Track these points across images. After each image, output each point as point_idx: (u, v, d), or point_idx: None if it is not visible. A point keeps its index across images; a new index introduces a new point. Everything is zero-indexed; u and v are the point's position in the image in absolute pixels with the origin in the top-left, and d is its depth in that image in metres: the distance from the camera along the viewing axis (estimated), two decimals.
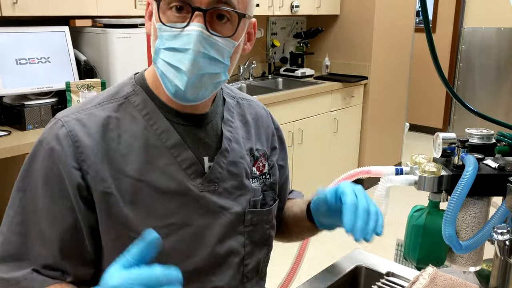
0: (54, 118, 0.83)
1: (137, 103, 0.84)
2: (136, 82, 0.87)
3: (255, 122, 0.99)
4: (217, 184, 0.88)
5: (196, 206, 0.85)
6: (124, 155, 0.81)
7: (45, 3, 2.03)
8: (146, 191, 0.81)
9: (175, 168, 0.83)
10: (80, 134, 0.79)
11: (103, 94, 0.87)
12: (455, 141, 0.95)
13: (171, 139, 0.83)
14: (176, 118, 0.85)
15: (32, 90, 2.06)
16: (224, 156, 0.89)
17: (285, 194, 1.08)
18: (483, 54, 5.05)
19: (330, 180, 2.97)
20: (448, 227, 0.85)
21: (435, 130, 5.52)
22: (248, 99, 1.02)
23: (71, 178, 0.78)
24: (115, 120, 0.82)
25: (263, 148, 0.99)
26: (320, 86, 3.31)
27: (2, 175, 2.03)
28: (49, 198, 0.79)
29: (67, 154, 0.78)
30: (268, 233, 0.97)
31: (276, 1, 3.18)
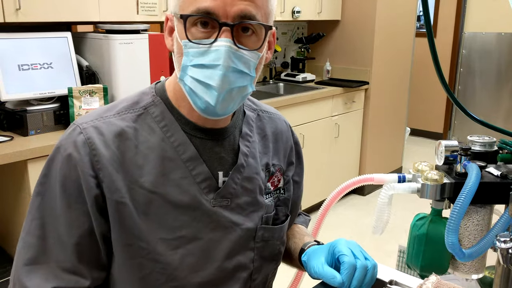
0: (73, 124, 0.83)
1: (156, 114, 0.85)
2: (156, 92, 0.87)
3: (274, 137, 0.99)
4: (230, 199, 0.87)
5: (207, 221, 0.85)
6: (139, 166, 0.81)
7: (47, 9, 2.04)
8: (159, 203, 0.82)
9: (189, 182, 0.83)
10: (97, 142, 0.80)
11: (123, 103, 0.87)
12: (458, 148, 0.95)
13: (187, 152, 0.84)
14: (194, 131, 0.85)
15: (34, 96, 2.06)
16: (239, 172, 0.89)
17: (296, 211, 1.07)
18: (483, 59, 5.05)
19: (331, 185, 3.01)
20: (451, 235, 0.85)
21: (436, 134, 5.53)
22: (270, 112, 1.02)
23: (88, 185, 0.79)
24: (133, 131, 0.83)
25: (279, 163, 0.98)
26: (321, 91, 3.31)
27: (5, 181, 2.03)
28: (66, 204, 0.80)
29: (85, 162, 0.79)
30: (278, 249, 0.97)
31: (278, 6, 3.19)
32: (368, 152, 3.84)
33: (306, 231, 1.07)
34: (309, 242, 0.97)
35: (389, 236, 3.07)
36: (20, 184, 1.90)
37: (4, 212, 2.12)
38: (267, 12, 0.79)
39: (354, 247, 0.82)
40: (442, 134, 5.49)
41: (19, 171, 1.87)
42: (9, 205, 2.05)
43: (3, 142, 1.90)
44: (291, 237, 1.05)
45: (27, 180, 1.84)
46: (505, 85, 4.95)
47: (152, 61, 2.27)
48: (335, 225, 3.36)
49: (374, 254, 1.15)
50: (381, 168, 4.04)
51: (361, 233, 3.27)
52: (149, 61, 2.27)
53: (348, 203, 3.70)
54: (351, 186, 1.03)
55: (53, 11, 2.06)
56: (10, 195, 2.02)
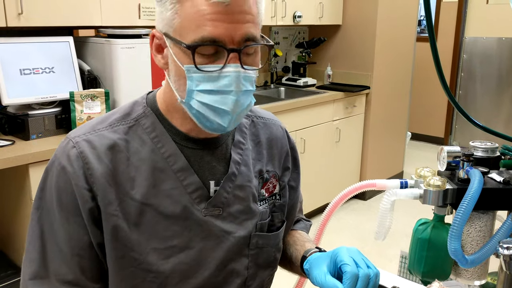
0: (66, 138, 0.84)
1: (147, 125, 0.85)
2: (147, 103, 0.88)
3: (268, 143, 0.98)
4: (222, 208, 0.87)
5: (198, 230, 0.85)
6: (131, 178, 0.82)
7: (50, 14, 2.04)
8: (151, 214, 0.82)
9: (180, 192, 0.84)
10: (90, 156, 0.80)
11: (115, 114, 0.87)
12: (460, 154, 0.95)
13: (178, 162, 0.84)
14: (184, 142, 0.85)
15: (36, 100, 2.07)
16: (230, 181, 0.89)
17: (292, 217, 1.06)
18: (484, 64, 5.06)
19: (332, 189, 3.00)
20: (454, 242, 0.85)
21: (437, 139, 5.53)
22: (265, 118, 1.01)
23: (83, 198, 0.80)
24: (125, 143, 0.83)
25: (274, 170, 0.98)
26: (322, 96, 3.32)
27: (7, 185, 2.03)
28: (64, 217, 0.81)
29: (79, 175, 0.80)
30: (274, 256, 0.97)
31: (279, 11, 3.20)
32: (369, 156, 3.84)
33: (307, 237, 1.07)
34: (310, 249, 0.96)
35: (391, 241, 3.07)
36: (21, 188, 1.90)
37: (6, 216, 2.12)
38: (260, 23, 0.81)
39: (356, 255, 0.82)
40: (443, 138, 5.49)
41: (20, 175, 1.87)
42: (11, 209, 2.05)
43: (4, 146, 1.90)
44: (292, 243, 1.04)
45: (29, 184, 1.84)
46: (505, 90, 4.95)
47: (153, 65, 2.28)
48: (336, 230, 3.35)
49: (375, 259, 1.15)
50: (382, 173, 4.04)
51: (363, 238, 3.26)
52: (150, 66, 2.27)
53: (349, 208, 3.70)
54: (353, 192, 1.03)
55: (55, 15, 2.06)
56: (11, 199, 2.02)
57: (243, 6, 0.74)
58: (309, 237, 1.09)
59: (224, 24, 0.73)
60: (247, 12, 0.75)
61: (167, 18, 0.76)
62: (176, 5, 0.75)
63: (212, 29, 0.73)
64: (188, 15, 0.74)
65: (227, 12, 0.73)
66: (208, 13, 0.72)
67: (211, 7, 0.72)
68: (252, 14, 0.76)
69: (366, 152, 3.83)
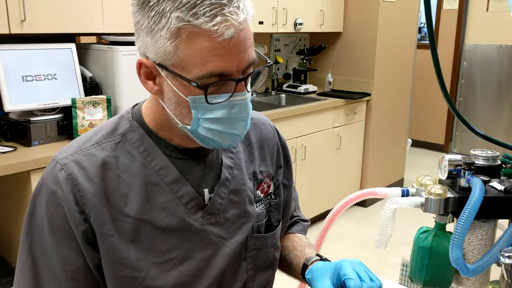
0: (53, 160, 0.82)
1: (134, 140, 0.83)
2: (133, 117, 0.86)
3: (259, 143, 0.98)
4: (218, 215, 0.87)
5: (196, 240, 0.85)
6: (124, 195, 0.80)
7: (52, 21, 2.06)
8: (147, 229, 0.81)
9: (175, 204, 0.83)
10: (79, 178, 0.78)
11: (101, 131, 0.85)
12: (461, 163, 0.95)
13: (170, 175, 0.83)
14: (174, 153, 0.84)
15: (38, 106, 2.08)
16: (224, 186, 0.88)
17: (287, 215, 1.06)
18: (484, 71, 5.08)
19: (333, 196, 2.99)
20: (456, 251, 0.85)
21: (437, 146, 5.53)
22: (253, 118, 1.00)
23: (75, 221, 0.78)
24: (114, 160, 0.81)
25: (267, 169, 0.98)
26: (323, 103, 3.33)
27: (8, 191, 2.04)
28: (56, 241, 0.79)
29: (69, 199, 0.78)
30: (273, 256, 0.97)
31: (280, 18, 3.21)
32: (370, 163, 3.84)
33: (306, 242, 1.06)
34: (312, 257, 0.96)
35: (391, 249, 3.07)
36: (23, 195, 1.90)
37: (6, 222, 2.12)
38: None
39: (359, 267, 0.82)
40: (443, 145, 5.50)
41: (22, 181, 1.88)
42: (12, 215, 2.05)
43: (6, 152, 1.91)
44: (291, 249, 1.04)
45: (30, 190, 1.85)
46: (506, 97, 4.96)
47: None
48: (337, 237, 3.35)
49: (376, 267, 1.15)
50: (382, 180, 4.04)
51: (363, 245, 3.26)
52: None
53: (349, 215, 3.70)
54: (354, 200, 1.03)
55: (58, 22, 2.08)
56: (12, 206, 2.02)
57: (244, 33, 0.73)
58: (307, 240, 1.08)
59: (230, 57, 0.72)
60: (248, 37, 0.75)
61: (163, 51, 0.73)
62: (176, 39, 0.71)
63: (220, 64, 0.71)
64: (192, 50, 0.71)
65: (233, 45, 0.71)
66: (215, 48, 0.71)
67: (217, 43, 0.70)
68: (251, 38, 0.76)
69: (366, 159, 3.83)
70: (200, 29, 0.70)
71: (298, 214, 1.16)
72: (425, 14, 0.88)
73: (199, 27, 0.70)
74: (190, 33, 0.70)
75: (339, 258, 0.87)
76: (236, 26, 0.71)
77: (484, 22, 5.00)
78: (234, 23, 0.70)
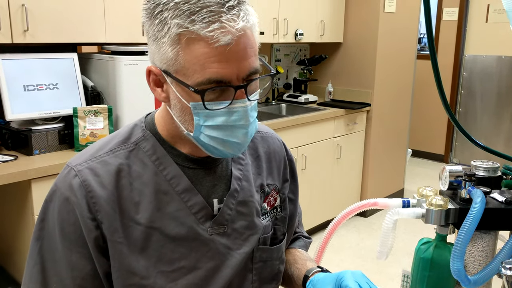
0: (67, 166, 0.83)
1: (147, 149, 0.84)
2: (146, 126, 0.87)
3: (267, 156, 0.99)
4: (226, 225, 0.88)
5: (205, 250, 0.85)
6: (136, 203, 0.81)
7: (55, 31, 2.07)
8: (157, 237, 0.82)
9: (185, 213, 0.84)
10: (93, 184, 0.79)
11: (115, 139, 0.86)
12: (462, 174, 0.95)
13: (181, 184, 0.84)
14: (186, 162, 0.85)
15: (40, 116, 2.08)
16: (233, 197, 0.89)
17: (292, 229, 1.07)
18: (484, 82, 5.10)
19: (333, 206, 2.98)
20: (457, 262, 0.85)
21: (437, 156, 5.53)
22: (262, 131, 1.02)
23: (87, 228, 0.78)
24: (127, 168, 0.82)
25: (274, 183, 0.99)
26: (324, 113, 3.34)
27: (9, 200, 2.04)
28: (66, 247, 0.80)
29: (82, 205, 0.78)
30: (278, 269, 0.97)
31: (281, 29, 3.23)
32: (370, 173, 3.84)
33: (307, 256, 1.07)
34: (312, 269, 0.96)
35: (391, 259, 3.06)
36: (23, 204, 1.90)
37: (7, 231, 2.12)
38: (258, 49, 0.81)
39: (361, 279, 0.82)
40: (443, 155, 5.50)
41: (23, 190, 1.88)
42: (12, 225, 2.05)
43: (7, 161, 1.91)
44: (292, 262, 1.04)
45: (31, 199, 1.85)
46: (505, 108, 4.98)
47: None
48: (337, 248, 3.34)
49: (376, 278, 1.14)
50: (383, 190, 4.04)
51: (363, 256, 3.24)
52: None
53: (350, 225, 3.69)
54: (355, 211, 1.03)
55: (60, 32, 2.09)
56: (13, 214, 2.02)
57: (244, 41, 0.73)
58: (309, 255, 1.09)
59: (229, 64, 0.73)
60: (250, 46, 0.75)
61: (166, 58, 0.75)
62: (177, 46, 0.73)
63: (218, 70, 0.72)
64: (191, 57, 0.73)
65: (231, 51, 0.72)
66: (213, 54, 0.72)
67: (216, 49, 0.71)
68: (253, 47, 0.76)
69: (367, 169, 3.83)
70: (197, 35, 0.71)
71: (301, 231, 1.16)
72: (426, 25, 0.89)
73: (196, 33, 0.71)
74: (188, 39, 0.72)
75: (340, 269, 0.87)
76: (233, 33, 0.71)
77: (484, 33, 5.02)
78: (231, 30, 0.71)
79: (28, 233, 1.92)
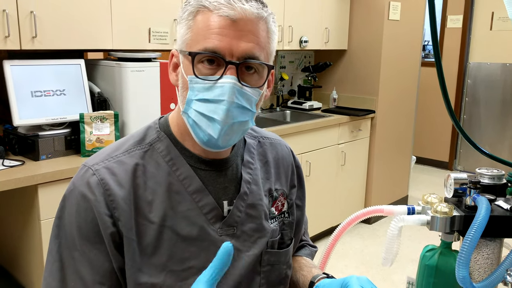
0: (84, 166, 0.85)
1: (161, 149, 0.87)
2: (160, 128, 0.90)
3: (275, 162, 1.01)
4: (236, 227, 0.89)
5: (215, 250, 0.85)
6: (149, 201, 0.84)
7: (63, 37, 2.09)
8: (168, 236, 0.84)
9: (196, 213, 0.86)
10: (110, 183, 0.82)
11: (130, 140, 0.89)
12: (467, 181, 0.96)
13: (193, 184, 0.86)
14: (198, 164, 0.88)
15: (47, 121, 2.10)
16: (243, 200, 0.91)
17: (298, 235, 1.08)
18: (488, 89, 5.09)
19: (337, 213, 2.97)
20: (462, 270, 0.85)
21: (441, 163, 5.52)
22: (270, 138, 1.04)
23: (104, 224, 0.81)
24: (142, 167, 0.85)
25: (282, 188, 1.00)
26: (328, 119, 3.34)
27: (16, 204, 2.05)
28: (85, 245, 0.82)
29: (100, 202, 0.81)
30: (285, 273, 0.98)
31: (286, 36, 3.25)
32: (374, 180, 3.84)
33: (313, 263, 1.08)
34: (318, 275, 0.97)
35: (396, 266, 3.05)
36: (30, 209, 1.92)
37: (13, 236, 2.13)
38: (269, 52, 0.84)
39: (366, 284, 0.82)
40: (447, 163, 5.49)
41: (29, 195, 1.89)
42: (19, 230, 2.06)
43: (14, 166, 1.92)
44: (298, 269, 1.05)
45: (37, 204, 1.86)
46: (510, 116, 4.97)
47: (162, 88, 2.32)
48: (341, 254, 3.33)
49: (381, 285, 1.14)
50: (387, 197, 4.03)
51: (368, 262, 3.24)
52: (159, 89, 2.31)
53: (354, 232, 3.68)
54: (360, 217, 1.04)
55: (68, 39, 2.11)
56: (19, 220, 2.03)
57: (249, 25, 0.79)
58: (314, 263, 1.10)
59: (227, 38, 0.78)
60: (253, 32, 0.79)
61: (181, 35, 0.82)
62: (190, 21, 0.81)
63: (215, 42, 0.78)
64: (198, 29, 0.80)
65: (233, 28, 0.78)
66: (215, 27, 0.78)
67: (219, 22, 0.78)
68: (258, 37, 0.80)
69: (371, 176, 3.83)
70: (205, 8, 0.79)
71: (307, 239, 1.17)
72: (431, 33, 0.90)
73: (205, 6, 0.79)
74: (197, 12, 0.80)
75: (344, 275, 0.87)
76: (237, 11, 0.77)
77: (488, 41, 5.03)
78: (236, 8, 0.77)
79: (34, 238, 1.94)
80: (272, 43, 0.85)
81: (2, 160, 1.96)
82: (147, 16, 2.38)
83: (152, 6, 2.40)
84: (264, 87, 0.85)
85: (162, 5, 2.43)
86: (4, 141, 2.15)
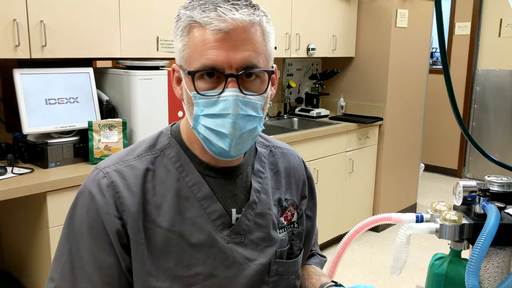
0: (96, 169, 0.87)
1: (171, 155, 0.88)
2: (172, 134, 0.92)
3: (286, 172, 1.01)
4: (244, 236, 0.89)
5: (222, 258, 0.87)
6: (158, 206, 0.85)
7: (72, 46, 2.11)
8: (176, 241, 0.84)
9: (204, 220, 0.86)
10: (120, 186, 0.83)
11: (141, 146, 0.91)
12: (476, 189, 0.95)
13: (201, 191, 0.87)
14: (207, 171, 0.88)
15: (56, 129, 2.12)
16: (251, 208, 0.91)
17: (308, 245, 1.08)
18: (497, 96, 5.06)
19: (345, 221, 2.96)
20: (472, 278, 0.84)
21: (450, 171, 5.48)
22: (282, 147, 1.04)
23: (113, 226, 0.82)
24: (152, 173, 0.86)
25: (292, 198, 1.00)
26: (336, 127, 3.34)
27: (24, 212, 2.06)
28: (94, 246, 0.83)
29: (109, 204, 0.82)
30: (293, 283, 0.98)
31: (293, 43, 3.26)
32: (383, 188, 3.82)
33: (321, 272, 1.08)
34: (327, 283, 0.97)
35: (404, 275, 3.02)
36: (38, 216, 1.93)
37: (22, 243, 2.14)
38: (267, 55, 0.84)
39: None
40: (456, 170, 5.45)
41: (38, 203, 1.90)
42: (27, 237, 2.07)
43: (23, 174, 1.94)
44: (307, 277, 1.05)
45: (46, 212, 1.87)
46: None
47: (170, 96, 2.33)
48: (349, 262, 3.31)
49: None
50: (395, 204, 4.01)
51: (376, 271, 3.21)
52: (167, 97, 2.32)
53: (362, 240, 3.66)
54: (369, 225, 1.03)
55: (77, 47, 2.13)
56: (28, 227, 2.04)
57: (243, 34, 0.78)
58: (323, 272, 1.09)
59: (223, 51, 0.78)
60: (248, 40, 0.79)
61: (178, 51, 0.83)
62: (185, 38, 0.81)
63: (212, 57, 0.78)
64: (194, 46, 0.79)
65: (227, 40, 0.77)
66: (210, 42, 0.78)
67: (213, 36, 0.77)
68: (253, 43, 0.80)
69: (379, 183, 3.81)
70: (197, 23, 0.79)
71: (316, 250, 1.17)
72: (438, 40, 0.90)
73: (196, 21, 0.78)
74: (191, 28, 0.80)
75: (352, 284, 0.87)
76: (229, 22, 0.77)
77: (497, 48, 5.01)
78: (227, 19, 0.77)
79: (42, 246, 1.94)
80: (269, 44, 0.84)
81: (11, 167, 1.98)
82: (155, 25, 2.40)
83: (160, 15, 2.41)
84: (268, 89, 0.85)
85: (170, 13, 2.45)
86: (13, 149, 2.17)
